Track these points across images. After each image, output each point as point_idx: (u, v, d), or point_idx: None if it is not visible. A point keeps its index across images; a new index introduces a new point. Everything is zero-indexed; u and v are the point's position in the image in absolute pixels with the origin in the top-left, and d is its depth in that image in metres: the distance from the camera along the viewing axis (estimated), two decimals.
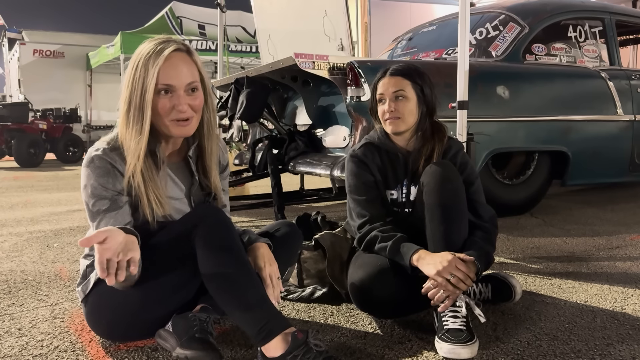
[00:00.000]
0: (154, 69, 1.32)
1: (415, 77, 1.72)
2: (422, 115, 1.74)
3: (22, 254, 2.69)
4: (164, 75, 1.33)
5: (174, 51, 1.35)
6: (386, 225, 1.65)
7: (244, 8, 10.36)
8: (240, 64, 12.47)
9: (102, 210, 1.35)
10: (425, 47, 3.81)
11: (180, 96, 1.36)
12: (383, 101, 1.73)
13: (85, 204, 1.38)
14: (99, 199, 1.35)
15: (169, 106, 1.35)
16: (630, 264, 2.30)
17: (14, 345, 1.52)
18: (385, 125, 1.74)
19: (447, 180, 1.59)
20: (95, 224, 1.36)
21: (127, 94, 1.36)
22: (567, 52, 3.57)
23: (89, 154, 1.38)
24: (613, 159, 3.66)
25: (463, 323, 1.42)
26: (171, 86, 1.35)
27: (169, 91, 1.35)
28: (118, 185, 1.37)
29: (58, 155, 11.34)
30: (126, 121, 1.36)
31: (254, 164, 3.42)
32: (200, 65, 1.42)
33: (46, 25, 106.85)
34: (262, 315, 1.28)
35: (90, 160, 1.36)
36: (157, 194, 1.39)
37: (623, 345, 1.47)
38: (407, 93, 1.70)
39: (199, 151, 1.52)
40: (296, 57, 2.72)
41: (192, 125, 1.41)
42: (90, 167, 1.36)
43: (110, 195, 1.36)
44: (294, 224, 1.64)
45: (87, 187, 1.36)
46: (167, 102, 1.35)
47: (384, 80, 1.73)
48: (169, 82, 1.34)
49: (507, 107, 3.10)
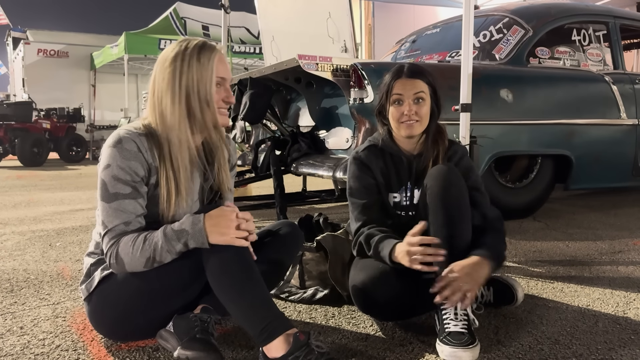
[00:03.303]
0: (211, 62, 1.39)
1: (429, 77, 1.70)
2: (433, 117, 1.72)
3: (25, 252, 2.69)
4: (220, 69, 1.41)
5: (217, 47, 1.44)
6: (373, 229, 1.65)
7: (248, 9, 10.37)
8: (244, 65, 12.49)
9: (122, 195, 1.34)
10: (428, 50, 3.81)
11: (227, 88, 1.46)
12: (400, 102, 1.67)
13: (102, 184, 1.35)
14: (121, 182, 1.34)
15: (222, 97, 1.43)
16: (633, 269, 2.29)
17: (16, 344, 1.52)
18: (400, 128, 1.68)
19: (450, 183, 1.58)
20: (111, 206, 1.34)
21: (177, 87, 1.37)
22: (571, 56, 3.57)
23: (117, 133, 1.37)
24: (616, 163, 3.65)
25: (465, 326, 1.42)
26: (224, 79, 1.44)
27: (221, 83, 1.43)
28: (141, 171, 1.36)
29: (61, 154, 11.39)
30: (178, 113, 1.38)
31: (256, 165, 3.42)
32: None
33: (50, 24, 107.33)
34: (264, 316, 1.28)
35: (118, 141, 1.35)
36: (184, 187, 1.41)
37: (625, 350, 1.46)
38: (425, 95, 1.67)
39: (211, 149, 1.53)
40: (300, 59, 2.72)
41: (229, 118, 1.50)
42: (117, 147, 1.34)
43: (132, 180, 1.35)
44: (295, 223, 1.63)
45: (110, 168, 1.34)
46: (222, 92, 1.43)
47: (402, 81, 1.67)
48: (223, 75, 1.43)
49: (510, 110, 3.10)
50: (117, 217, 1.34)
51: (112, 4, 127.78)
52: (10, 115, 10.38)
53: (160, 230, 1.33)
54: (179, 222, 1.33)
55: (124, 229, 1.35)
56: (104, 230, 1.36)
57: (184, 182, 1.40)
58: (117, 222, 1.35)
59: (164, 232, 1.32)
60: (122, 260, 1.33)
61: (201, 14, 12.41)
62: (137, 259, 1.32)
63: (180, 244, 1.31)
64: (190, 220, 1.32)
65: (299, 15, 4.52)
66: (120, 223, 1.35)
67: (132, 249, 1.32)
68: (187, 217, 1.33)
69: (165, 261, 1.33)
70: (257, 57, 11.95)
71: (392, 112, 1.69)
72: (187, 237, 1.30)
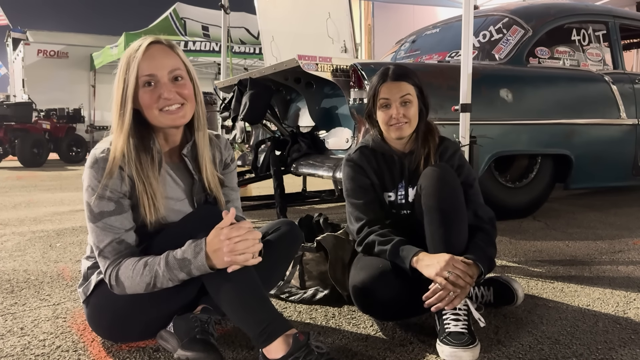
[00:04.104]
0: (134, 62, 1.33)
1: (415, 78, 1.72)
2: (422, 116, 1.74)
3: (25, 253, 2.69)
4: (144, 67, 1.34)
5: (151, 44, 1.36)
6: (384, 228, 1.65)
7: (247, 10, 10.38)
8: (244, 66, 12.50)
9: (107, 212, 1.34)
10: (428, 50, 3.81)
11: (165, 84, 1.36)
12: (388, 106, 1.69)
13: (87, 205, 1.36)
14: (104, 199, 1.34)
15: (155, 96, 1.36)
16: (633, 268, 2.29)
17: (16, 345, 1.52)
18: (389, 130, 1.71)
19: (445, 183, 1.58)
20: (98, 225, 1.34)
21: (115, 95, 1.37)
22: (570, 56, 3.57)
23: (93, 155, 1.37)
24: (616, 162, 3.65)
25: (465, 326, 1.42)
26: (153, 76, 1.35)
27: (152, 82, 1.35)
28: (121, 187, 1.36)
29: (61, 155, 11.38)
30: (117, 121, 1.36)
31: (256, 165, 3.42)
32: (184, 58, 1.42)
33: (50, 25, 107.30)
34: (263, 317, 1.28)
35: (95, 161, 1.35)
36: (151, 193, 1.37)
37: (625, 350, 1.46)
38: (412, 97, 1.69)
39: (195, 148, 1.50)
40: (299, 59, 2.72)
41: (184, 114, 1.40)
42: (94, 167, 1.35)
43: (115, 198, 1.35)
44: (294, 222, 1.63)
45: (90, 189, 1.35)
46: (151, 93, 1.35)
47: (388, 85, 1.69)
48: (150, 72, 1.34)
49: (510, 110, 3.10)
50: (107, 236, 1.34)
51: (111, 5, 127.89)
52: (10, 116, 10.38)
53: (162, 257, 1.31)
54: (181, 249, 1.30)
55: (117, 247, 1.34)
56: (98, 252, 1.35)
57: (155, 187, 1.38)
58: (108, 240, 1.34)
59: (166, 260, 1.30)
60: (122, 284, 1.33)
61: (201, 15, 12.41)
62: (137, 284, 1.31)
63: (183, 273, 1.30)
64: (192, 248, 1.29)
65: (299, 16, 4.52)
66: (111, 241, 1.34)
67: (132, 273, 1.31)
68: (188, 245, 1.30)
69: (167, 287, 1.32)
70: (257, 58, 11.95)
71: (381, 116, 1.71)
72: (189, 267, 1.29)
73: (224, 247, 1.25)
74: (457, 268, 1.43)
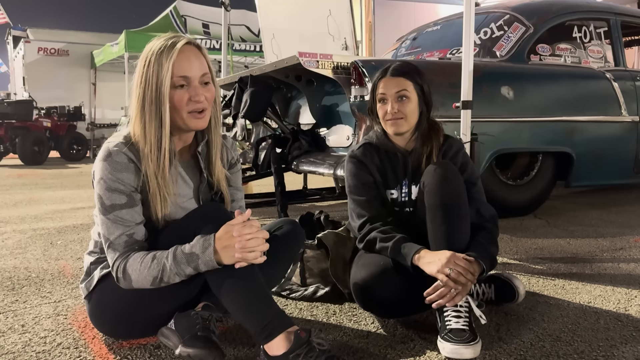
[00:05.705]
0: (169, 62, 1.33)
1: (415, 76, 1.72)
2: (422, 114, 1.74)
3: (26, 251, 2.70)
4: (179, 68, 1.35)
5: (185, 44, 1.37)
6: (386, 225, 1.65)
7: (248, 7, 10.36)
8: (244, 63, 12.50)
9: (119, 205, 1.34)
10: (429, 47, 3.80)
11: (197, 87, 1.38)
12: (385, 101, 1.71)
13: (98, 197, 1.36)
14: (116, 192, 1.34)
15: (186, 98, 1.36)
16: (634, 266, 2.29)
17: (17, 342, 1.52)
18: (386, 125, 1.73)
19: (447, 180, 1.58)
20: (109, 218, 1.34)
21: (139, 91, 1.36)
22: (572, 53, 3.56)
23: (106, 147, 1.37)
24: (617, 160, 3.64)
25: (466, 323, 1.42)
26: (187, 78, 1.36)
27: (185, 84, 1.36)
28: (133, 181, 1.36)
29: (62, 153, 11.40)
30: (141, 118, 1.36)
31: (257, 162, 3.42)
32: (209, 60, 1.43)
33: (51, 23, 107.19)
34: (265, 314, 1.28)
35: (108, 154, 1.35)
36: (166, 191, 1.39)
37: (626, 347, 1.46)
38: (410, 93, 1.70)
39: (207, 147, 1.52)
40: (300, 56, 2.71)
41: (206, 118, 1.42)
42: (108, 160, 1.35)
43: (127, 191, 1.35)
44: (296, 221, 1.63)
45: (103, 181, 1.35)
46: (184, 94, 1.36)
47: (385, 80, 1.71)
48: (185, 74, 1.35)
49: (511, 107, 3.09)
50: (117, 228, 1.34)
51: (112, 3, 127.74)
52: (10, 114, 10.39)
53: (171, 251, 1.31)
54: (190, 244, 1.30)
55: (127, 239, 1.35)
56: (107, 244, 1.36)
57: (164, 184, 1.38)
58: (118, 232, 1.34)
59: (174, 254, 1.30)
60: (129, 277, 1.33)
61: (201, 12, 12.40)
62: (144, 277, 1.31)
63: (190, 268, 1.30)
64: (201, 243, 1.29)
65: (300, 13, 4.51)
66: (121, 234, 1.34)
67: (140, 266, 1.31)
68: (197, 240, 1.30)
69: (173, 282, 1.32)
70: (258, 55, 11.94)
71: (379, 110, 1.74)
72: (197, 262, 1.29)
73: (236, 243, 1.26)
74: (459, 265, 1.43)
